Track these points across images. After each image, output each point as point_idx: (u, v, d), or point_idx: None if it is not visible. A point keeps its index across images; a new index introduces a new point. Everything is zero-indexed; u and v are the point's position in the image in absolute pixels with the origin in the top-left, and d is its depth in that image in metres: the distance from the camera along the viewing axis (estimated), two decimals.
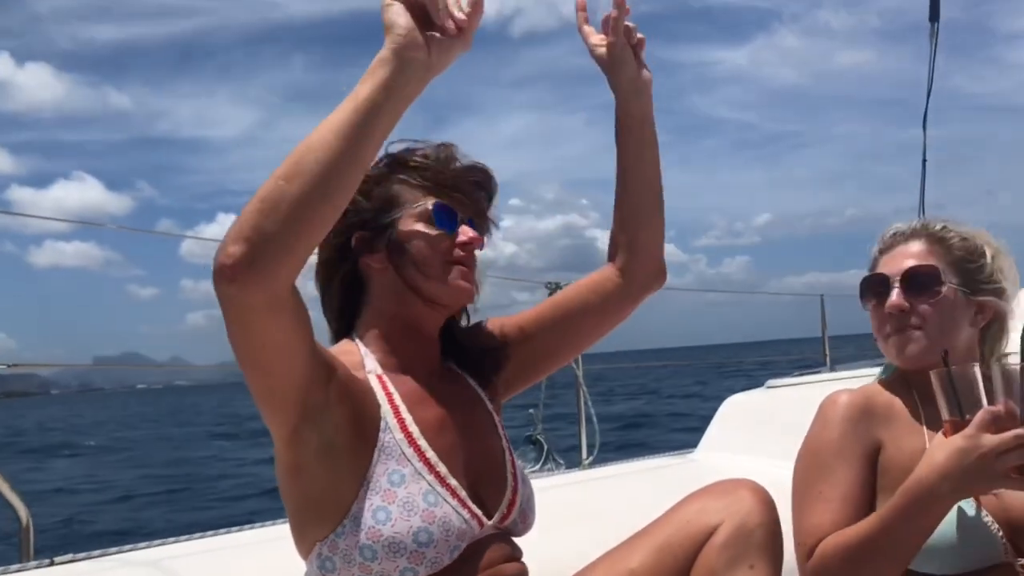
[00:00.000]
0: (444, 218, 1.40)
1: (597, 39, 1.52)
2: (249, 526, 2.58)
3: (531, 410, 3.93)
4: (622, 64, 1.50)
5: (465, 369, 1.53)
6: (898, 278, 1.63)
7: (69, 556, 2.26)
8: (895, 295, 1.62)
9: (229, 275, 1.09)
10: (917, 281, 1.62)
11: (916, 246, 1.66)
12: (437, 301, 1.42)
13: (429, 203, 1.40)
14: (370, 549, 1.26)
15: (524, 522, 1.45)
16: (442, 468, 1.34)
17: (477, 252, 1.46)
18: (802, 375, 3.50)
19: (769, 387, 3.51)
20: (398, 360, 1.41)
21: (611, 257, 1.62)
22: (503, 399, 1.59)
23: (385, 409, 1.35)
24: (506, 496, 1.41)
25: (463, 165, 1.47)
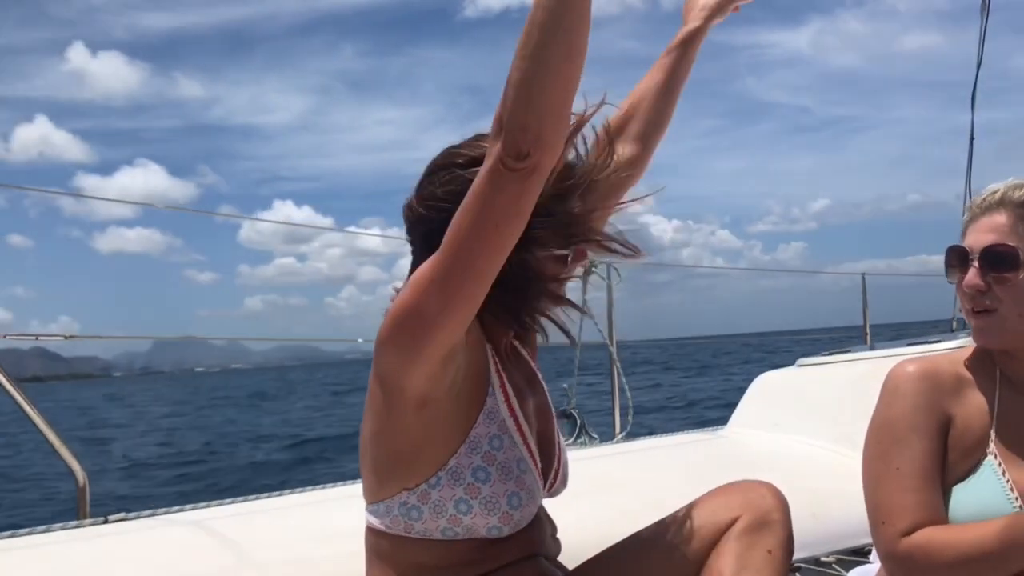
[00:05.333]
0: None
1: None
2: (290, 490, 2.71)
3: (565, 384, 3.99)
4: None
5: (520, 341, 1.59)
6: (977, 254, 1.52)
7: (121, 515, 2.41)
8: (972, 273, 1.52)
9: (525, 154, 1.13)
10: (995, 260, 1.51)
11: (1000, 218, 1.52)
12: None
13: None
14: (466, 503, 1.35)
15: (564, 485, 1.56)
16: (532, 441, 1.43)
17: None
18: (832, 354, 3.51)
19: (800, 365, 3.53)
20: (491, 332, 1.47)
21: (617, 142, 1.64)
22: None
23: (495, 375, 1.42)
24: (554, 463, 1.52)
25: None
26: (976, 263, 1.51)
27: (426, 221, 1.42)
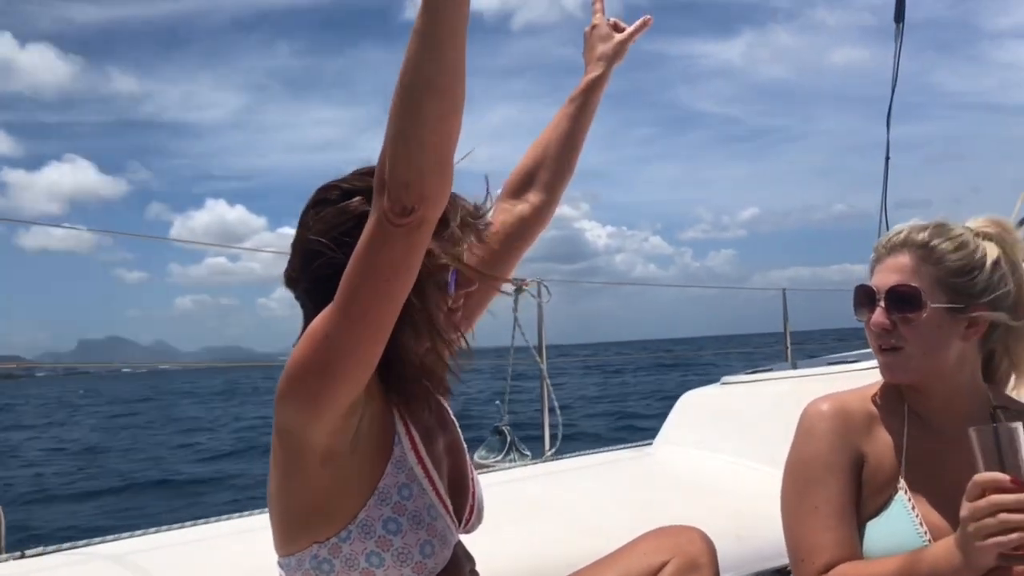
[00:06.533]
0: None
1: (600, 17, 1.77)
2: (215, 519, 2.66)
3: (497, 401, 4.02)
4: (610, 38, 1.74)
5: None
6: (883, 294, 1.57)
7: (39, 549, 2.34)
8: (878, 312, 1.57)
9: (410, 209, 1.11)
10: (899, 300, 1.56)
11: (904, 259, 1.58)
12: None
13: None
14: (378, 556, 1.33)
15: (480, 520, 1.56)
16: (441, 486, 1.41)
17: None
18: (756, 372, 3.58)
19: (724, 383, 3.59)
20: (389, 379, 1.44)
21: (521, 193, 1.68)
22: None
23: (399, 424, 1.40)
24: (468, 501, 1.52)
25: None
26: (882, 303, 1.57)
27: (306, 276, 1.38)
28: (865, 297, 1.61)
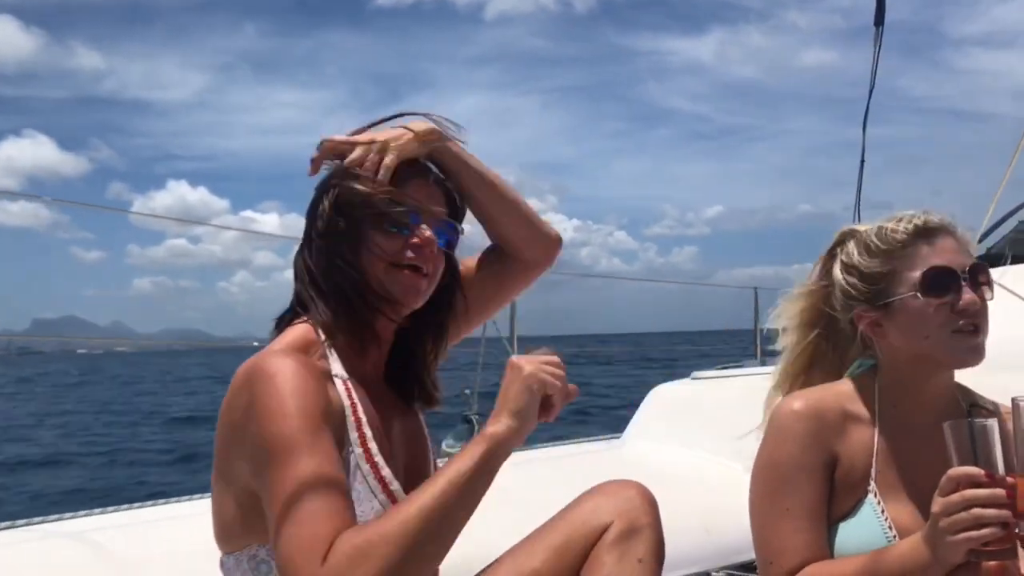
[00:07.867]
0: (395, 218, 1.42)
1: None
2: (176, 499, 2.62)
3: (467, 390, 3.98)
4: None
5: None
6: (966, 272, 1.51)
7: None
8: (968, 292, 1.50)
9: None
10: (981, 277, 1.53)
11: (953, 242, 1.55)
12: (381, 300, 1.41)
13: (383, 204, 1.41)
14: None
15: None
16: (395, 485, 1.34)
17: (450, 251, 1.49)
18: (726, 368, 3.60)
19: (695, 378, 3.60)
20: (356, 363, 1.41)
21: (496, 246, 1.66)
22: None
23: (349, 421, 1.33)
24: None
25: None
26: (968, 281, 1.51)
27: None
28: (943, 279, 1.52)
